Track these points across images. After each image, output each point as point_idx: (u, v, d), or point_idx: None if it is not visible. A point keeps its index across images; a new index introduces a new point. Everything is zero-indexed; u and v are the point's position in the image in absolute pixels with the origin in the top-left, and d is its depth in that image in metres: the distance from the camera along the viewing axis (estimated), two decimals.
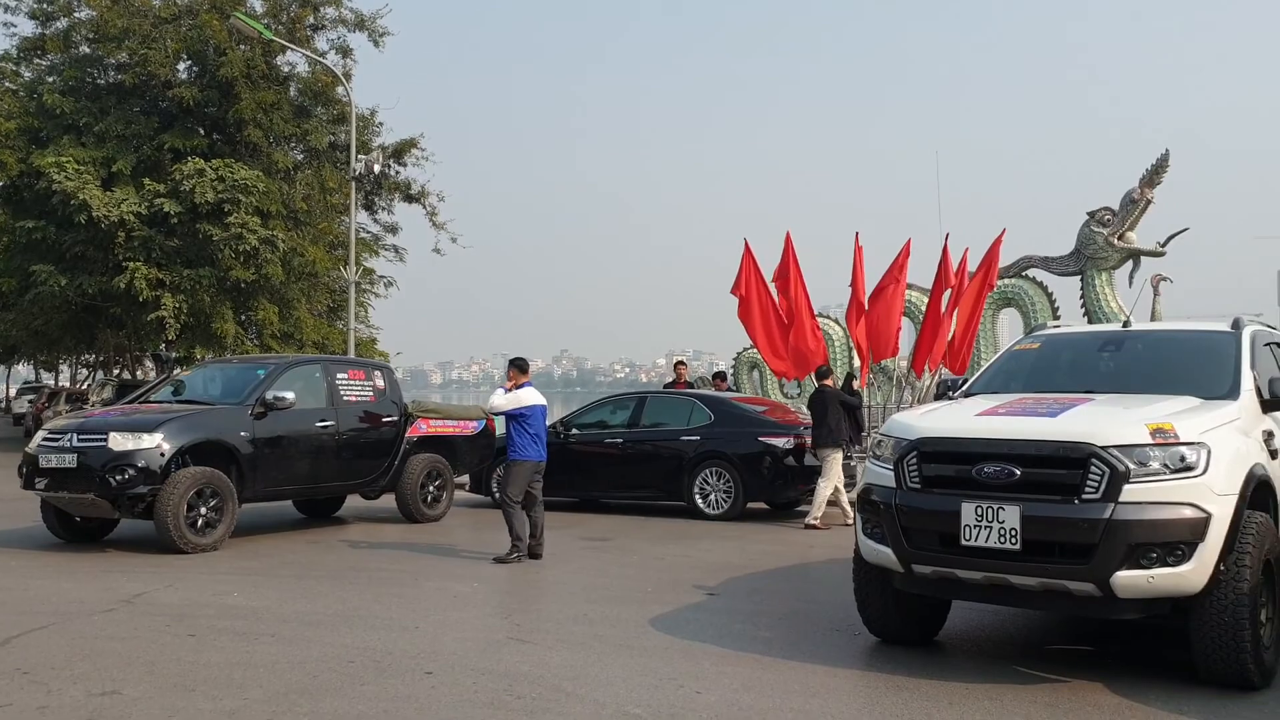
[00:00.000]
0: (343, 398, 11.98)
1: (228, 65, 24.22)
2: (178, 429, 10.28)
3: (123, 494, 9.95)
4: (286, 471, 11.22)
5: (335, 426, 11.72)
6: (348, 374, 12.33)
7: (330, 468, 11.71)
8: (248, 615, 7.22)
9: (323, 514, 13.25)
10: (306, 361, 12.64)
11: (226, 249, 23.29)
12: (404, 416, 12.63)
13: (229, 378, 11.91)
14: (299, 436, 11.33)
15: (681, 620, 7.12)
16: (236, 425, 10.74)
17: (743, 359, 21.65)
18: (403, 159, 28.38)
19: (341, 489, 12.51)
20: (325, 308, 28.62)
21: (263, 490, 11.05)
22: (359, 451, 12.03)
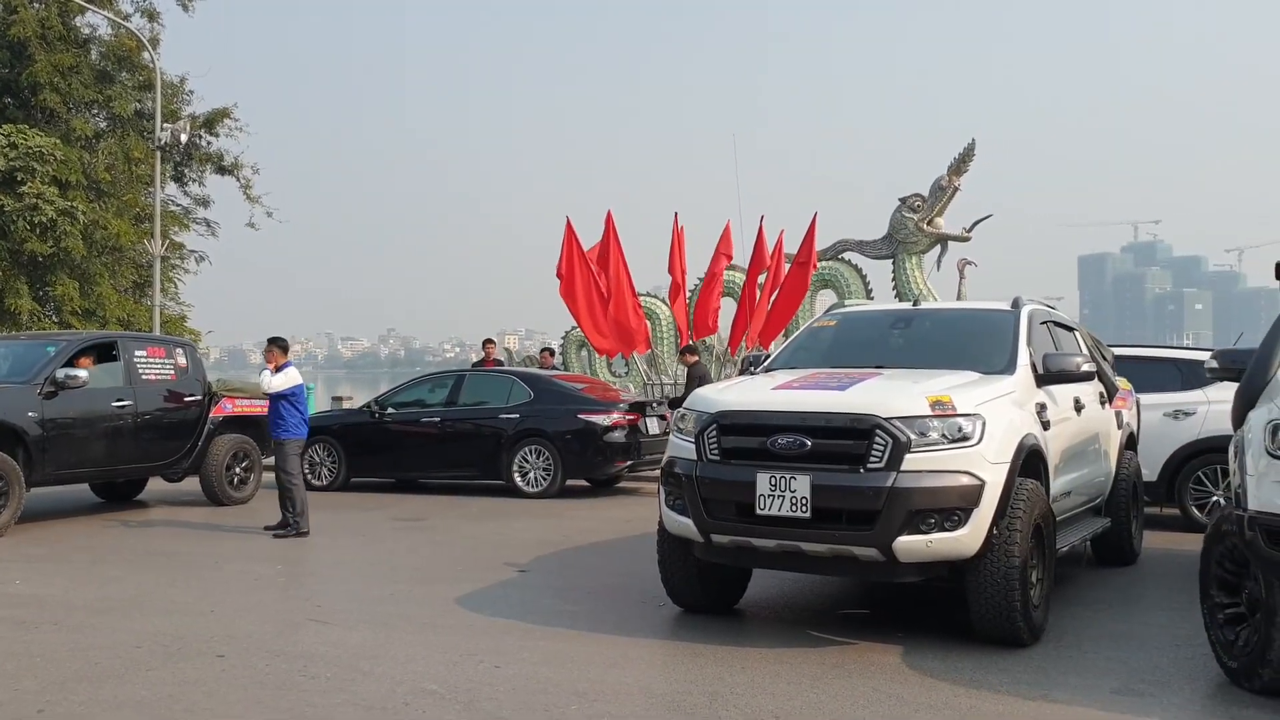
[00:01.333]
0: (141, 376, 11.46)
1: (19, 24, 22.69)
2: None
3: None
4: (80, 453, 10.68)
5: (133, 406, 11.21)
6: (147, 351, 11.78)
7: (128, 449, 11.19)
8: (30, 603, 6.84)
9: (123, 497, 12.67)
10: (101, 338, 12.02)
11: (20, 220, 21.86)
12: (208, 396, 12.18)
13: (16, 355, 11.19)
14: (93, 417, 10.80)
15: (489, 598, 7.12)
16: (23, 405, 10.16)
17: (571, 338, 21.73)
18: (214, 129, 27.18)
19: (141, 471, 11.98)
20: (131, 284, 27.15)
21: (54, 473, 10.50)
22: (159, 432, 11.55)
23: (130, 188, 26.20)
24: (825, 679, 5.17)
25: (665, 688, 5.11)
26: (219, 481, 12.04)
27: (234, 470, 12.25)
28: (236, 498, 12.21)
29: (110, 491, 12.67)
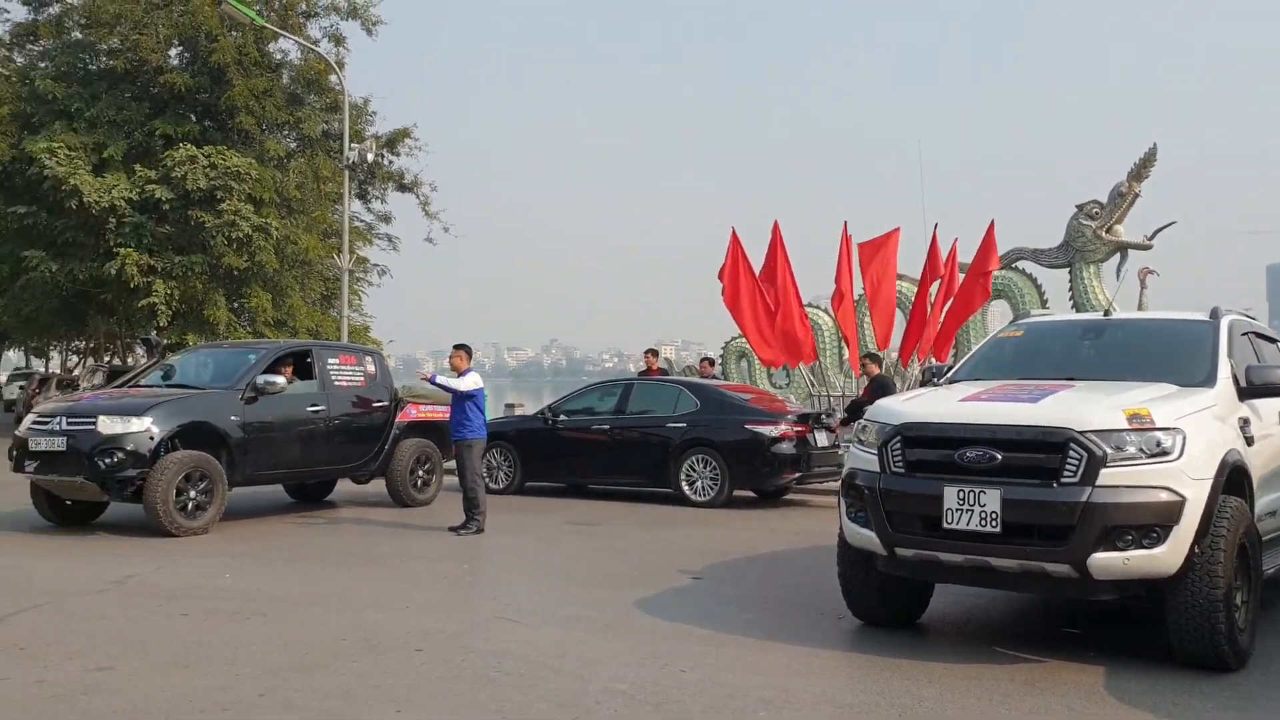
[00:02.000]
0: (334, 383, 12.02)
1: (219, 51, 24.23)
2: (167, 413, 10.33)
3: (111, 477, 9.98)
4: (277, 455, 11.25)
5: (326, 411, 11.76)
6: (339, 359, 12.36)
7: (321, 452, 11.75)
8: (239, 596, 7.30)
9: (313, 498, 13.31)
10: (299, 346, 12.70)
11: (219, 236, 23.34)
12: (394, 401, 12.68)
13: (220, 362, 11.97)
14: (289, 421, 11.36)
15: (667, 603, 7.22)
16: (227, 409, 10.77)
17: (731, 348, 21.76)
18: (396, 149, 28.43)
19: (332, 473, 12.55)
20: (319, 295, 28.64)
21: (253, 474, 11.08)
22: (350, 436, 12.08)
23: (318, 205, 27.64)
24: (1017, 696, 5.06)
25: (852, 698, 5.09)
26: (403, 483, 12.51)
27: (417, 473, 12.70)
28: (419, 499, 12.66)
29: (302, 492, 13.33)
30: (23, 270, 24.24)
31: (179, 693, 4.96)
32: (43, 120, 24.44)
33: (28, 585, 7.58)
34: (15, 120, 24.62)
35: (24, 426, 10.65)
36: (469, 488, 10.55)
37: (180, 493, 10.09)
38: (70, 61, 25.83)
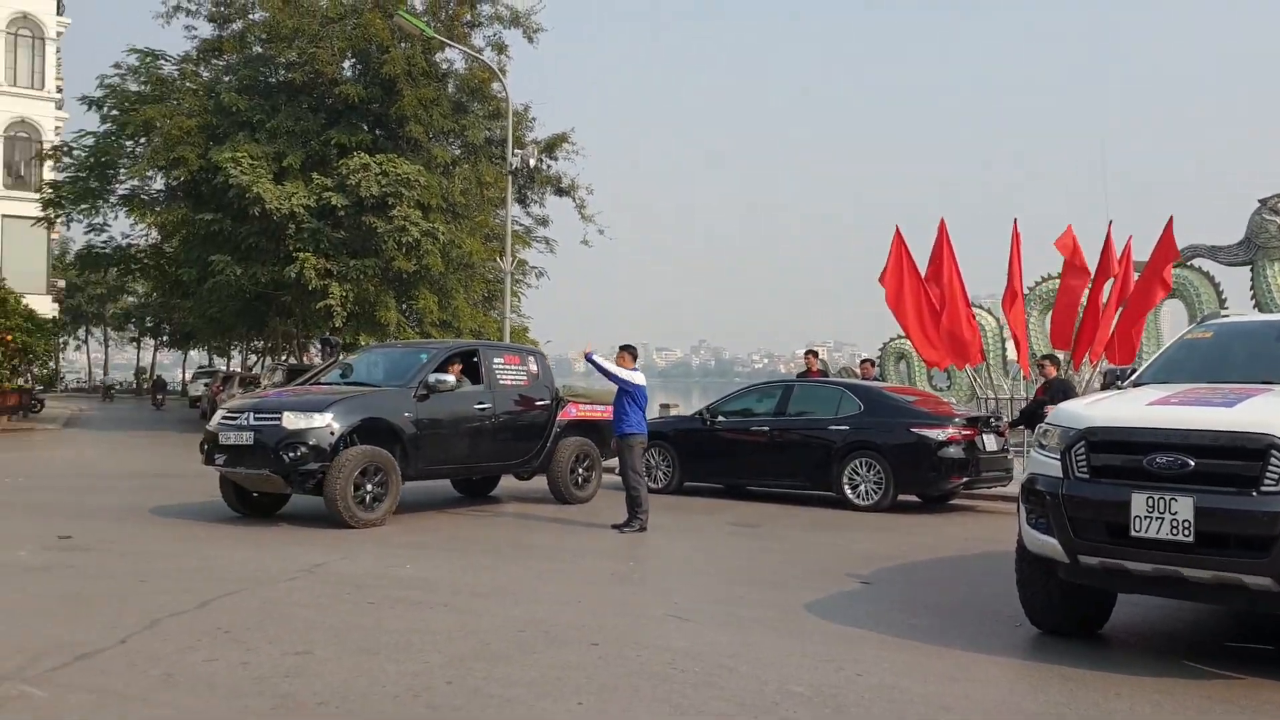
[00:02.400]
0: (499, 382, 12.34)
1: (390, 63, 25.19)
2: (346, 409, 10.75)
3: (295, 470, 10.41)
4: (446, 451, 11.59)
5: (492, 409, 12.06)
6: (503, 359, 12.68)
7: (487, 448, 12.09)
8: (420, 586, 7.60)
9: (479, 493, 13.71)
10: (467, 346, 13.10)
11: (390, 240, 24.30)
12: (555, 400, 12.92)
13: (393, 361, 12.42)
14: (458, 418, 11.68)
15: (835, 606, 7.18)
16: (401, 406, 11.14)
17: (889, 349, 21.41)
18: (554, 153, 29.00)
19: (497, 469, 12.90)
20: (481, 297, 29.48)
21: (424, 469, 11.43)
22: (514, 433, 12.36)
23: (481, 209, 28.46)
24: (1213, 713, 4.85)
25: (1036, 707, 4.97)
26: (564, 481, 12.74)
27: (577, 471, 12.91)
28: (579, 496, 12.86)
29: (468, 487, 13.76)
30: (210, 274, 25.76)
31: (372, 678, 5.21)
32: (227, 131, 25.89)
33: (225, 572, 8.05)
34: (202, 132, 26.14)
35: (214, 421, 11.24)
36: (631, 486, 10.68)
37: (357, 486, 10.50)
38: (252, 75, 27.29)
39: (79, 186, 29.36)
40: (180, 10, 28.00)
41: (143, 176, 28.14)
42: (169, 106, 26.95)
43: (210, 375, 44.00)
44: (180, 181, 26.69)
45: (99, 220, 30.53)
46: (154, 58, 28.70)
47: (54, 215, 31.33)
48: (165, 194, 28.78)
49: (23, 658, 5.40)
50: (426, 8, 27.17)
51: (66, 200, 29.88)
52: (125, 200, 29.38)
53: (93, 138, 29.19)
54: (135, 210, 29.03)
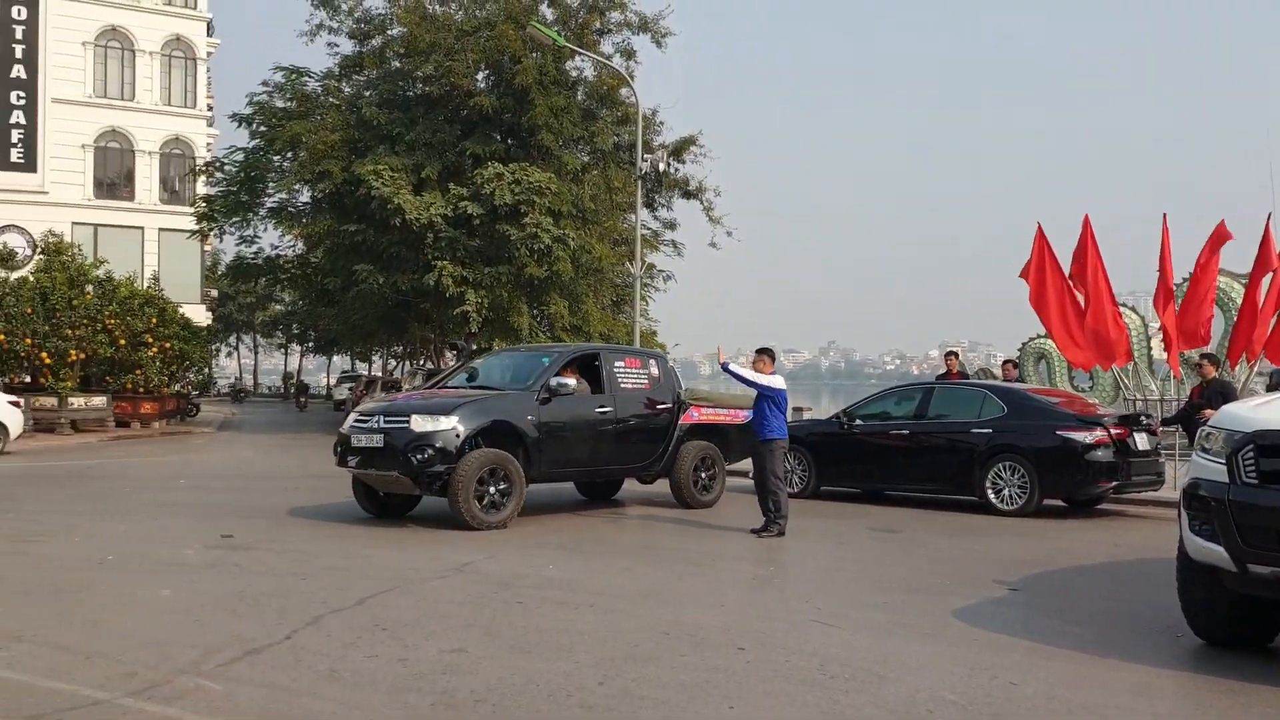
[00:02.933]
0: (620, 385, 12.28)
1: (522, 73, 25.68)
2: (472, 412, 10.83)
3: (422, 472, 10.49)
4: (568, 454, 11.62)
5: (613, 412, 12.02)
6: (625, 362, 12.65)
7: (608, 452, 12.06)
8: (565, 586, 7.74)
9: (602, 496, 13.71)
10: (588, 349, 13.14)
11: (522, 247, 24.78)
12: (677, 404, 12.77)
13: (518, 365, 12.53)
14: (580, 421, 11.71)
15: (983, 613, 7.03)
16: (524, 409, 11.20)
17: (1028, 349, 20.82)
18: (682, 156, 29.10)
19: (619, 472, 12.93)
20: (610, 301, 29.80)
21: (546, 471, 11.45)
22: (635, 437, 12.31)
23: (610, 215, 28.76)
24: None
25: None
26: (686, 485, 12.55)
27: (700, 475, 12.72)
28: (702, 501, 12.66)
29: (592, 490, 13.77)
30: (353, 283, 26.69)
31: (526, 676, 5.33)
32: (369, 145, 26.78)
33: (378, 571, 8.34)
34: (345, 146, 27.09)
35: (347, 424, 11.49)
36: (771, 490, 10.62)
37: (481, 488, 10.54)
38: (391, 89, 28.17)
39: (230, 201, 30.80)
40: (323, 28, 29.10)
41: (290, 190, 29.34)
42: (314, 122, 28.03)
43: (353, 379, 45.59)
44: (325, 194, 27.71)
45: (249, 232, 31.98)
46: (299, 75, 29.89)
47: (207, 228, 32.92)
48: (311, 206, 29.94)
49: (197, 652, 5.70)
50: (557, 17, 27.61)
51: (219, 214, 31.36)
52: (273, 213, 30.69)
53: (242, 153, 30.59)
54: (283, 222, 30.28)
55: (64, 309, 26.65)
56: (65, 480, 15.67)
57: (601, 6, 27.75)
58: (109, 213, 40.09)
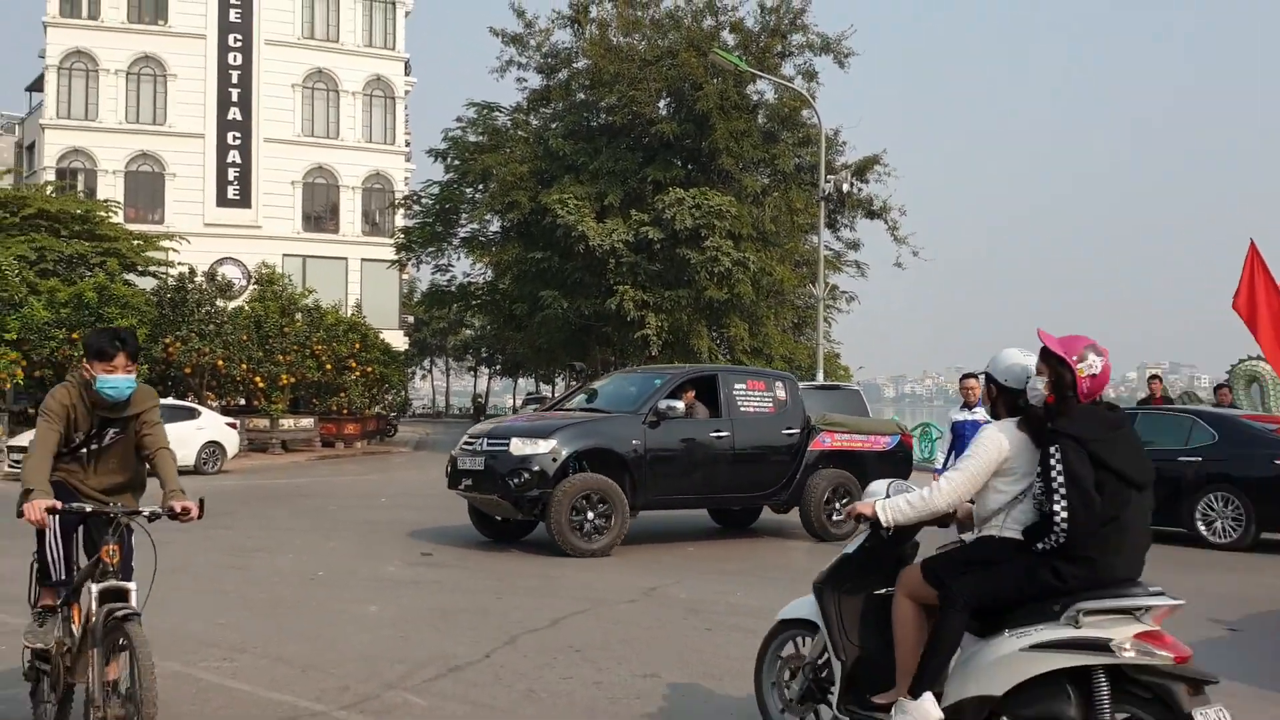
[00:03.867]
0: (739, 408, 11.72)
1: (703, 99, 25.95)
2: (571, 435, 10.63)
3: (521, 496, 10.33)
4: (679, 480, 11.22)
5: (730, 437, 11.47)
6: (746, 385, 12.04)
7: (725, 478, 11.54)
8: (754, 614, 7.71)
9: (739, 524, 13.20)
10: (705, 371, 12.79)
11: (702, 271, 24.98)
12: (806, 429, 12.09)
13: (633, 387, 12.15)
14: (692, 446, 11.25)
15: (1200, 654, 6.55)
16: (629, 434, 10.87)
17: (1238, 371, 19.52)
18: (865, 176, 28.75)
19: (736, 500, 12.31)
20: (791, 323, 29.65)
21: (654, 498, 11.08)
22: (756, 463, 11.74)
23: (791, 236, 28.66)
24: None
25: None
26: (816, 515, 11.83)
27: (834, 505, 11.94)
28: (834, 533, 11.75)
29: (725, 517, 13.22)
30: (539, 308, 27.47)
31: (719, 705, 5.37)
32: (555, 175, 27.58)
33: (569, 592, 8.54)
34: (533, 176, 27.98)
35: (457, 447, 11.50)
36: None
37: (578, 514, 10.32)
38: (576, 120, 28.97)
39: (426, 231, 32.27)
40: (513, 64, 30.19)
41: (481, 220, 30.53)
42: (503, 154, 29.07)
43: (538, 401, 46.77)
44: (514, 223, 28.69)
45: (443, 261, 33.42)
46: (490, 110, 31.09)
47: (405, 258, 34.57)
48: (500, 235, 31.03)
49: (404, 668, 5.98)
50: (738, 42, 27.79)
51: (416, 244, 32.90)
52: (465, 242, 31.97)
53: (437, 186, 32.02)
54: (474, 251, 31.50)
55: (276, 336, 28.43)
56: (277, 498, 16.68)
57: (783, 30, 27.80)
58: (316, 244, 42.57)
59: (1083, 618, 3.57)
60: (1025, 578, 3.74)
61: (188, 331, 25.83)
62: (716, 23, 28.27)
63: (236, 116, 41.47)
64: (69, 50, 39.90)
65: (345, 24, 43.35)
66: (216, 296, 28.05)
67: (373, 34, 44.02)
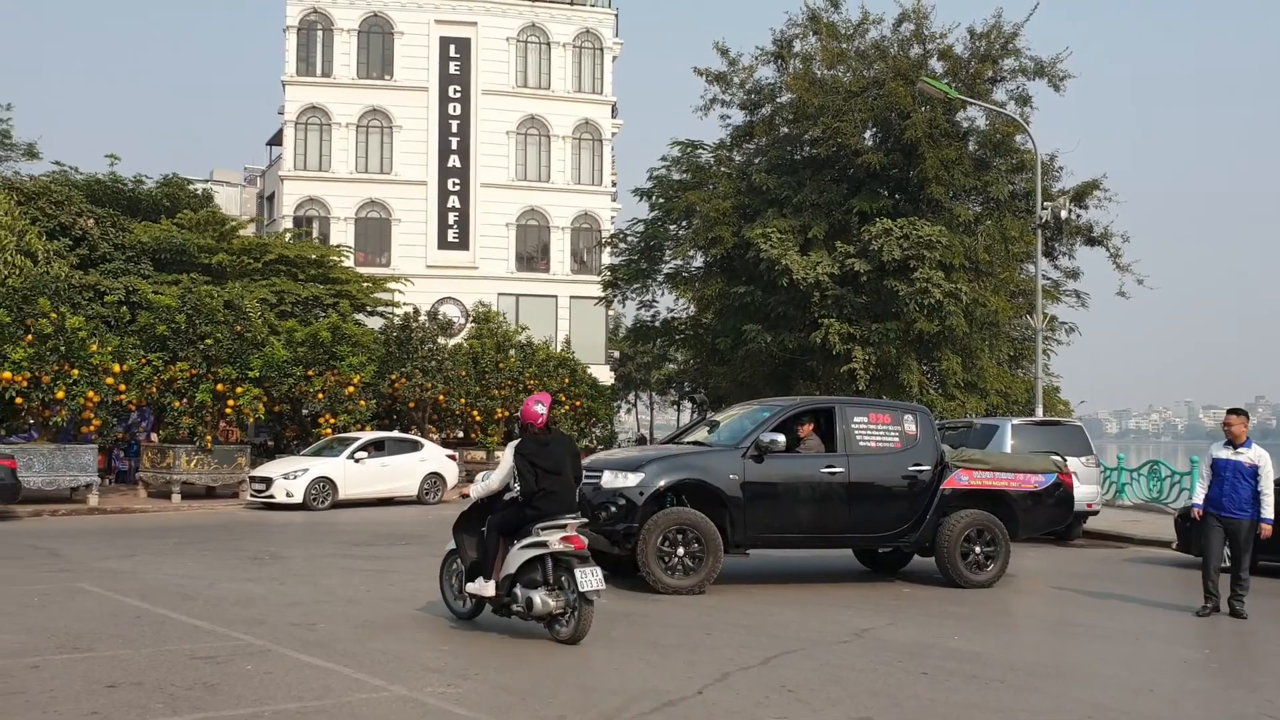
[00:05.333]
0: (858, 443, 11.07)
1: (911, 128, 25.44)
2: (661, 469, 10.34)
3: (612, 529, 10.12)
4: (784, 518, 10.71)
5: (845, 473, 10.85)
6: (868, 418, 11.31)
7: (836, 517, 10.89)
8: (973, 659, 7.45)
9: (889, 568, 12.43)
10: (821, 403, 12.00)
11: (911, 303, 24.39)
12: (939, 466, 11.30)
13: (740, 420, 11.78)
14: (798, 482, 10.73)
15: None
16: (727, 468, 10.47)
17: None
18: (1084, 202, 27.44)
19: (853, 541, 11.59)
20: (1007, 356, 28.52)
21: (755, 536, 10.64)
22: (877, 501, 11.04)
23: (1006, 266, 27.62)
24: None
25: None
26: (950, 559, 11.06)
27: (971, 548, 11.12)
28: (972, 579, 11.03)
29: (874, 561, 12.54)
30: (742, 342, 27.47)
31: None
32: (758, 209, 27.58)
33: (779, 630, 8.47)
34: (736, 211, 28.06)
35: None
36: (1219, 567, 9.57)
37: (667, 551, 10.05)
38: (779, 154, 28.91)
39: (631, 269, 32.86)
40: (716, 102, 30.42)
41: (685, 256, 30.81)
42: (707, 191, 29.31)
43: None
44: (717, 258, 28.82)
45: (648, 297, 33.90)
46: (693, 148, 31.47)
47: (611, 295, 35.32)
48: (703, 270, 31.25)
49: (618, 700, 6.07)
50: (947, 70, 27.15)
51: (621, 281, 33.56)
52: (669, 278, 32.34)
53: (642, 224, 32.59)
54: (678, 286, 31.82)
55: (492, 371, 29.53)
56: None
57: (994, 55, 26.97)
58: (528, 283, 44.09)
59: (540, 532, 7.63)
60: (518, 514, 7.82)
61: (411, 368, 27.19)
62: (924, 51, 27.68)
63: (456, 164, 43.55)
64: (305, 106, 42.93)
65: (556, 71, 44.94)
66: (438, 335, 29.42)
67: (581, 80, 45.43)
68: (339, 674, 6.51)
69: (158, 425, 22.79)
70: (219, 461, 21.14)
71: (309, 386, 23.12)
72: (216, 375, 21.35)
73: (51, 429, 19.46)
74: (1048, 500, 11.82)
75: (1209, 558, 9.52)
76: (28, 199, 26.07)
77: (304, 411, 23.42)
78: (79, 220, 26.78)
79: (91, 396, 19.29)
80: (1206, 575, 9.51)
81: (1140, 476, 21.98)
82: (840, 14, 28.33)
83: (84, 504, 18.80)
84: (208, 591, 9.72)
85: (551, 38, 44.90)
